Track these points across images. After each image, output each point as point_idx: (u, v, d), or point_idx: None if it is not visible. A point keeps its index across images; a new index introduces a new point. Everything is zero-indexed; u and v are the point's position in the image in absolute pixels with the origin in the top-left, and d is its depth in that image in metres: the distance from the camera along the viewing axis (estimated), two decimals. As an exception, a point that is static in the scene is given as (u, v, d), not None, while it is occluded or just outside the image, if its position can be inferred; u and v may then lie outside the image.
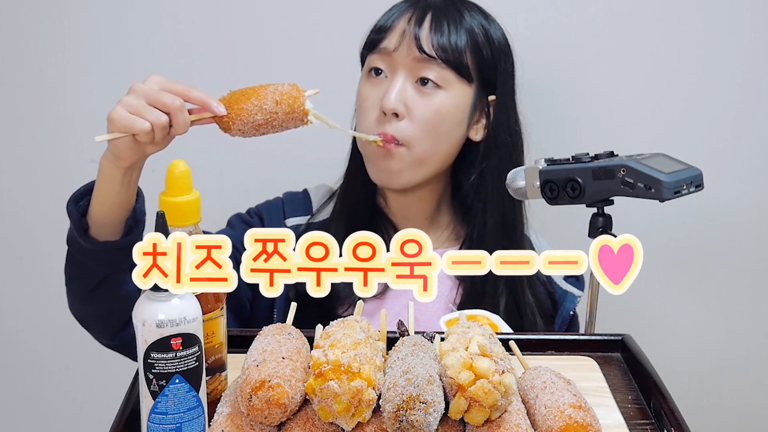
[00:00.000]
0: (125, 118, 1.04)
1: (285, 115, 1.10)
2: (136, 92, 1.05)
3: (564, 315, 1.38)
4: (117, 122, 1.04)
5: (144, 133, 1.04)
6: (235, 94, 1.10)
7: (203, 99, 1.07)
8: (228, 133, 1.10)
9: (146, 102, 1.04)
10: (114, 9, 1.64)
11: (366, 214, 1.38)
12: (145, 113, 1.04)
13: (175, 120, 1.05)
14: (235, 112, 1.08)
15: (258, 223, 1.38)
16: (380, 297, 1.35)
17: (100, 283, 1.15)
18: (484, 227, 1.34)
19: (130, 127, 1.04)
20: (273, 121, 1.10)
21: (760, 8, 1.61)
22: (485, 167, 1.34)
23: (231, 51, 1.65)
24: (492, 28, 1.32)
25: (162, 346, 0.81)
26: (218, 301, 0.91)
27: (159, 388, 0.82)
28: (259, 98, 1.09)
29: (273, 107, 1.09)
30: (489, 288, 1.34)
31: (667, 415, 0.95)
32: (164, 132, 1.05)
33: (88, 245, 1.12)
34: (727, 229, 1.72)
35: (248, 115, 1.08)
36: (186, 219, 0.88)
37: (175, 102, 1.04)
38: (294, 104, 1.10)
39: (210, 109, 1.08)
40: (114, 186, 1.10)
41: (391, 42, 1.28)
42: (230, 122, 1.08)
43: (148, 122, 1.03)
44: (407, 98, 1.27)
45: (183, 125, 1.06)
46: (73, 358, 1.82)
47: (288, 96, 1.10)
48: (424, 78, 1.27)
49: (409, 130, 1.27)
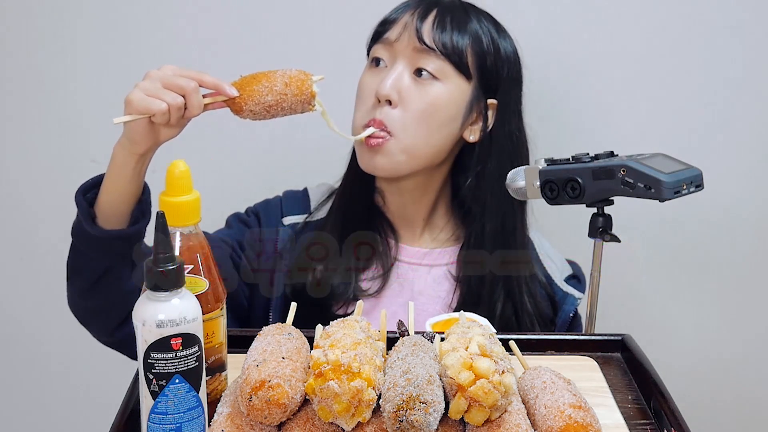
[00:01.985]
0: (142, 99, 1.08)
1: (294, 97, 1.15)
2: (152, 77, 1.10)
3: (563, 317, 1.38)
4: (134, 104, 1.08)
5: (161, 114, 1.08)
6: (246, 78, 1.15)
7: (216, 82, 1.12)
8: (239, 115, 1.15)
9: (162, 85, 1.09)
10: (115, 8, 1.64)
11: (363, 214, 1.38)
12: (162, 95, 1.08)
13: (190, 101, 1.10)
14: (246, 93, 1.13)
15: (255, 222, 1.38)
16: (377, 296, 1.35)
17: (102, 276, 1.17)
18: (482, 230, 1.34)
19: (147, 108, 1.08)
20: (282, 103, 1.15)
21: (760, 8, 1.61)
22: (482, 170, 1.33)
23: (232, 51, 1.65)
24: (501, 38, 1.32)
25: (162, 346, 0.81)
26: (218, 301, 0.91)
27: (159, 388, 0.82)
28: (270, 80, 1.14)
29: (283, 89, 1.14)
30: (486, 291, 1.34)
31: (667, 415, 0.95)
32: (180, 113, 1.09)
33: (95, 233, 1.14)
34: (727, 229, 1.72)
35: (259, 96, 1.13)
36: (186, 219, 0.88)
37: (190, 84, 1.09)
38: (302, 86, 1.15)
39: (223, 92, 1.12)
40: (125, 174, 1.13)
41: (393, 33, 1.29)
42: (242, 103, 1.13)
43: (165, 103, 1.08)
44: (402, 87, 1.27)
45: (197, 107, 1.11)
46: (73, 358, 1.82)
47: (296, 79, 1.15)
48: (422, 69, 1.27)
49: (400, 118, 1.26)
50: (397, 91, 1.27)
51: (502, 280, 1.34)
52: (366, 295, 1.34)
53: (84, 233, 1.15)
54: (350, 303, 1.32)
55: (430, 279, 1.37)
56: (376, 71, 1.31)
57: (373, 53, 1.32)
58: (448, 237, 1.40)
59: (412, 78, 1.28)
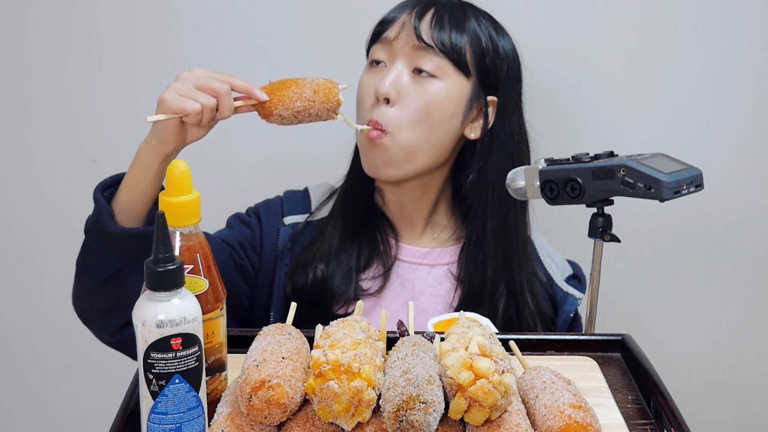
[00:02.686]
0: (177, 99, 1.11)
1: (321, 104, 1.20)
2: (184, 78, 1.13)
3: (564, 317, 1.38)
4: (169, 103, 1.11)
5: (194, 114, 1.11)
6: (275, 83, 1.19)
7: (247, 86, 1.16)
8: (268, 119, 1.19)
9: (194, 87, 1.12)
10: (115, 8, 1.64)
11: (364, 214, 1.38)
12: (195, 96, 1.12)
13: (222, 104, 1.13)
14: (277, 98, 1.17)
15: (256, 222, 1.38)
16: (377, 295, 1.35)
17: (114, 275, 1.17)
18: (483, 229, 1.34)
19: (181, 108, 1.10)
20: (310, 109, 1.19)
21: (760, 8, 1.61)
22: (484, 168, 1.34)
23: (232, 51, 1.65)
24: (499, 36, 1.32)
25: (162, 346, 0.81)
26: (218, 301, 0.91)
27: (159, 388, 0.82)
28: (299, 87, 1.18)
29: (311, 95, 1.19)
30: (488, 290, 1.34)
31: (667, 415, 0.95)
32: (211, 114, 1.13)
33: (114, 230, 1.15)
34: (727, 229, 1.72)
35: (289, 102, 1.17)
36: (186, 219, 0.88)
37: (223, 87, 1.13)
38: (329, 94, 1.20)
39: (254, 96, 1.16)
40: (148, 174, 1.15)
41: (391, 32, 1.30)
42: (272, 107, 1.17)
43: (199, 104, 1.11)
44: (401, 85, 1.27)
45: (228, 109, 1.14)
46: (73, 358, 1.82)
47: (324, 87, 1.20)
48: (421, 68, 1.27)
49: (396, 117, 1.27)
50: (395, 90, 1.27)
51: (504, 278, 1.34)
52: (367, 295, 1.34)
53: (101, 230, 1.15)
54: (350, 303, 1.32)
55: (431, 278, 1.38)
56: (375, 71, 1.31)
57: (372, 53, 1.33)
58: (449, 236, 1.40)
59: (411, 76, 1.28)
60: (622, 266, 1.65)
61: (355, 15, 1.59)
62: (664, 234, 1.72)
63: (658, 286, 1.76)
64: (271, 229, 1.37)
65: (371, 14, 1.35)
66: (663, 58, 1.64)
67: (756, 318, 1.78)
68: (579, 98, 1.67)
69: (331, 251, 1.34)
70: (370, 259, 1.36)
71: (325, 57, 1.64)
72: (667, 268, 1.75)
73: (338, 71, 1.34)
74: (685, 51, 1.64)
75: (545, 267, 1.40)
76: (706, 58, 1.64)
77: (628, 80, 1.66)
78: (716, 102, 1.66)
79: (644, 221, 1.68)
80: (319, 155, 1.26)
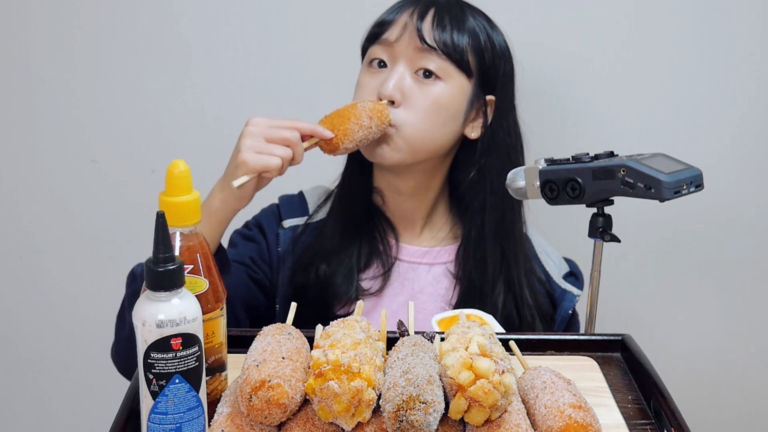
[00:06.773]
0: (257, 158, 1.13)
1: (376, 128, 1.23)
2: (253, 134, 1.15)
3: (562, 314, 1.39)
4: (251, 164, 1.13)
5: (276, 169, 1.13)
6: (332, 116, 1.22)
7: (312, 128, 1.19)
8: (334, 153, 1.22)
9: (266, 140, 1.14)
10: (116, 9, 1.64)
11: (363, 214, 1.38)
12: (272, 150, 1.14)
13: (296, 151, 1.16)
14: (341, 132, 1.20)
15: (259, 234, 1.38)
16: (378, 295, 1.35)
17: None
18: (482, 227, 1.35)
19: (264, 166, 1.13)
20: (369, 135, 1.22)
21: (760, 8, 1.61)
22: (483, 166, 1.34)
23: (233, 51, 1.65)
24: (494, 33, 1.33)
25: (162, 346, 0.81)
26: (218, 301, 0.91)
27: (159, 388, 0.82)
28: (356, 117, 1.20)
29: (368, 122, 1.22)
30: (487, 287, 1.34)
31: (667, 415, 0.95)
32: (289, 164, 1.16)
33: None
34: (727, 229, 1.72)
35: (353, 134, 1.20)
36: (186, 219, 0.88)
37: (294, 134, 1.16)
38: (382, 116, 1.23)
39: (320, 136, 1.19)
40: (221, 227, 1.18)
41: (392, 33, 1.29)
42: (339, 143, 1.20)
43: (279, 158, 1.13)
44: (405, 87, 1.27)
45: (301, 155, 1.17)
46: (73, 357, 1.82)
47: (376, 110, 1.23)
48: (425, 69, 1.27)
49: (403, 115, 1.27)
50: (400, 92, 1.27)
51: (503, 274, 1.34)
52: (367, 295, 1.34)
53: None
54: (351, 303, 1.33)
55: (430, 277, 1.38)
56: (375, 72, 1.31)
57: (371, 54, 1.32)
58: (446, 235, 1.40)
59: (413, 78, 1.28)
60: (622, 266, 1.65)
61: (355, 15, 1.59)
62: (664, 234, 1.72)
63: (658, 286, 1.76)
64: (273, 235, 1.38)
65: (371, 13, 1.35)
66: (663, 57, 1.64)
67: (756, 318, 1.78)
68: (580, 98, 1.67)
69: (332, 251, 1.34)
70: (370, 258, 1.36)
71: (325, 57, 1.64)
72: (667, 268, 1.75)
73: (338, 71, 1.35)
74: (685, 51, 1.64)
75: (543, 264, 1.41)
76: (705, 58, 1.64)
77: (628, 80, 1.66)
78: (716, 102, 1.66)
79: (644, 221, 1.68)
80: (313, 158, 1.25)
